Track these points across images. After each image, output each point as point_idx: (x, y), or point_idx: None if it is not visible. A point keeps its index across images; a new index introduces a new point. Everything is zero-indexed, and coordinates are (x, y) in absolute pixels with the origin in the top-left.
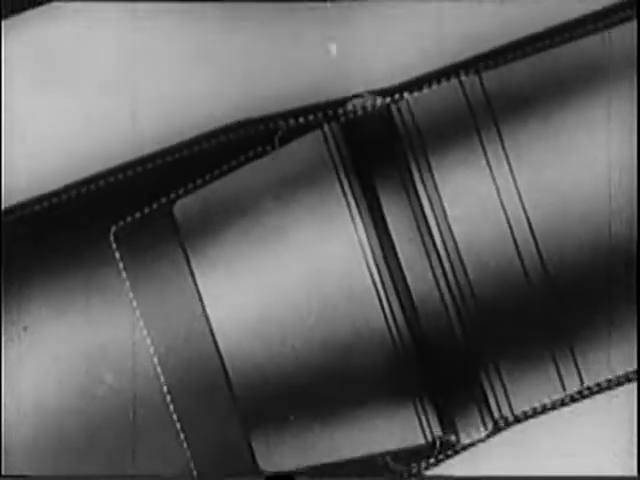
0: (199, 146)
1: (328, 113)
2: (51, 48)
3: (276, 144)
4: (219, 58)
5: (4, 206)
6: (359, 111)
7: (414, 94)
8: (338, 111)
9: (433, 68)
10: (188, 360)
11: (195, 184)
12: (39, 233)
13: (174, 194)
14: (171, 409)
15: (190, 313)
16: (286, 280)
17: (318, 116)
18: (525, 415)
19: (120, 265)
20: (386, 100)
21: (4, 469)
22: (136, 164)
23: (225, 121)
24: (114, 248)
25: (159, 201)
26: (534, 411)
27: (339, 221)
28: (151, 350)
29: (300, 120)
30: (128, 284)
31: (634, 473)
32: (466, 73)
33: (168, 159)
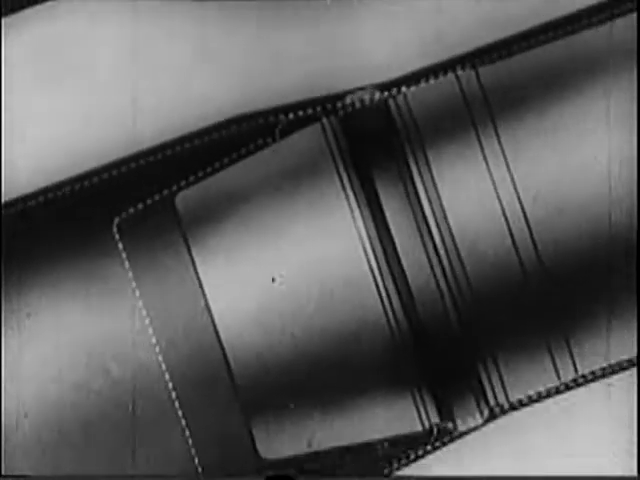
0: (201, 139)
1: (327, 107)
2: (51, 47)
3: (277, 137)
4: (219, 58)
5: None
6: (357, 105)
7: (411, 88)
8: (337, 105)
9: (432, 62)
10: (190, 349)
11: (197, 176)
12: (43, 225)
13: (176, 186)
14: (173, 397)
15: (192, 303)
16: (286, 271)
17: (317, 110)
18: (520, 403)
19: (123, 256)
20: (384, 94)
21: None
22: (139, 157)
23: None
24: (117, 239)
25: (161, 193)
26: (530, 399)
27: (338, 212)
28: (153, 339)
29: (300, 113)
30: (131, 274)
31: (634, 473)
32: (463, 68)
33: (170, 152)
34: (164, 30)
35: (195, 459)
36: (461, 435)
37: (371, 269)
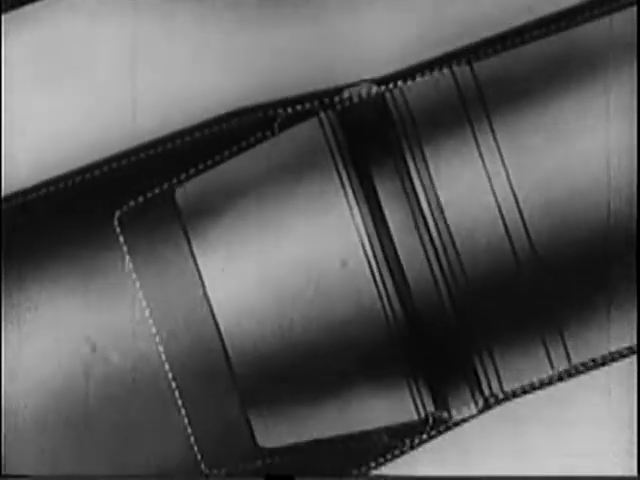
0: (201, 132)
1: (325, 101)
2: (51, 46)
3: (275, 131)
4: (219, 55)
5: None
6: (355, 99)
7: (408, 83)
8: (335, 99)
9: (431, 56)
10: (190, 340)
11: (197, 170)
12: (44, 218)
13: (176, 179)
14: (173, 387)
15: (191, 294)
16: (284, 263)
17: (315, 104)
18: (514, 393)
19: (124, 248)
20: (381, 88)
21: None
22: (139, 150)
23: None
24: (118, 232)
25: (162, 186)
26: (523, 389)
27: (336, 204)
28: (153, 330)
29: (298, 107)
30: (131, 266)
31: (634, 473)
32: (458, 62)
33: (170, 145)
34: (164, 29)
35: (195, 448)
36: (456, 424)
37: (368, 260)
